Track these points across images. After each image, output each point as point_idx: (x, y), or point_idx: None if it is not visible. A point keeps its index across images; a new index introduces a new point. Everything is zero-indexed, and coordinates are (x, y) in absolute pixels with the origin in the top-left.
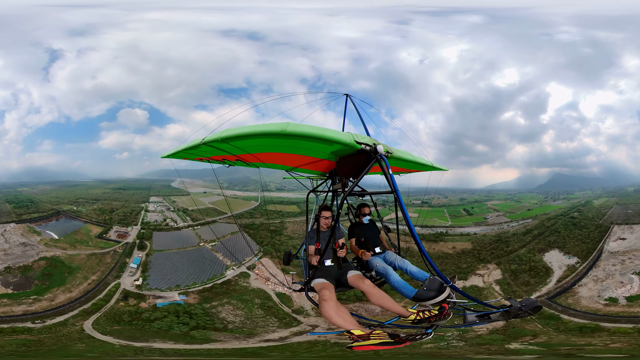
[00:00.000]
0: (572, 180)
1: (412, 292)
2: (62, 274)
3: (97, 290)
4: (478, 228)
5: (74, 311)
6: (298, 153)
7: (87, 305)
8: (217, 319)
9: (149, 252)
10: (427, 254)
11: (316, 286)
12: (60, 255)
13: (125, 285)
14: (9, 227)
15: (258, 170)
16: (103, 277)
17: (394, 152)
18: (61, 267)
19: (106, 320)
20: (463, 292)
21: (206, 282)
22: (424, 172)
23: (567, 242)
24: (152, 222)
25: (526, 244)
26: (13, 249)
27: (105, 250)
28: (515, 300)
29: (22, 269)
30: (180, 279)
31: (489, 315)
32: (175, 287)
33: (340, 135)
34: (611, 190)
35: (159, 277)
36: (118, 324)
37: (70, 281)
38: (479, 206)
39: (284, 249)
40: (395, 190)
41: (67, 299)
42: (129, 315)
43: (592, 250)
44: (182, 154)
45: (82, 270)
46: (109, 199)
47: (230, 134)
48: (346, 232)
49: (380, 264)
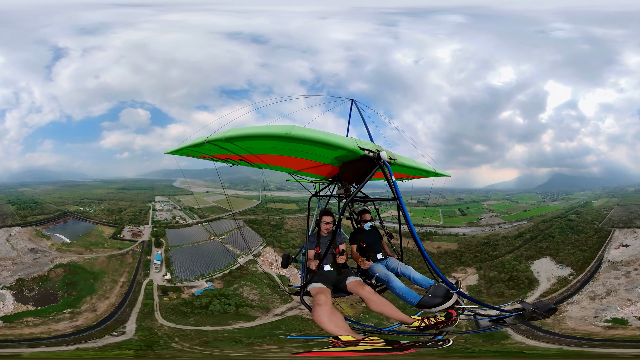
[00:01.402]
0: (572, 180)
1: (415, 299)
2: (87, 281)
3: (135, 291)
4: (469, 229)
5: (132, 316)
6: (302, 157)
7: (136, 307)
8: (243, 298)
9: (167, 248)
10: (430, 260)
11: (312, 290)
12: (78, 260)
13: (157, 282)
14: (14, 230)
15: (261, 170)
16: (132, 278)
17: (397, 159)
18: (83, 273)
19: (174, 316)
20: (472, 298)
21: (224, 269)
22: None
23: (562, 249)
24: (162, 220)
25: (514, 249)
26: (22, 257)
27: (123, 250)
28: (527, 303)
29: (37, 280)
30: (202, 269)
31: (504, 320)
32: (201, 276)
33: (345, 140)
34: (611, 191)
35: (182, 269)
36: (186, 315)
37: (99, 287)
38: (475, 206)
39: (284, 240)
40: (398, 197)
41: (110, 306)
42: (185, 306)
43: (590, 259)
44: (186, 150)
45: (107, 273)
46: (114, 199)
47: (234, 134)
48: (347, 238)
49: (382, 271)
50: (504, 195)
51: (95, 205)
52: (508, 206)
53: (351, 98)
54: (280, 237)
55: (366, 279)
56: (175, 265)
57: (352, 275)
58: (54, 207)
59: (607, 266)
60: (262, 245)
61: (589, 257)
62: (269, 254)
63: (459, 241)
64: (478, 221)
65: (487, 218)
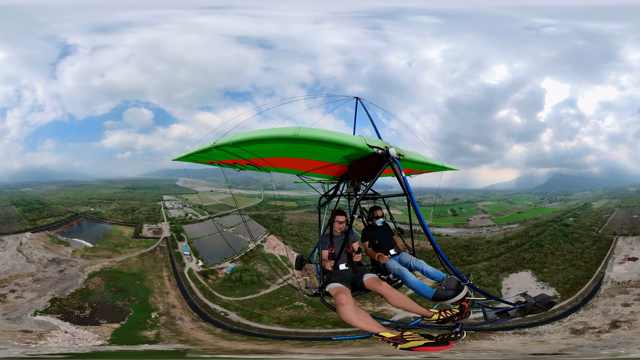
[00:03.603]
0: (572, 180)
1: (430, 292)
2: (134, 283)
3: (183, 280)
4: (455, 230)
5: (204, 300)
6: (310, 157)
7: (197, 292)
8: (259, 272)
9: (189, 241)
10: (442, 253)
11: (331, 291)
12: (111, 265)
13: (195, 269)
14: (25, 237)
15: (261, 170)
16: (173, 270)
17: (406, 155)
18: (124, 277)
19: (225, 291)
20: (481, 290)
21: (240, 252)
22: (429, 175)
23: (549, 262)
24: (177, 217)
25: (492, 256)
26: (45, 271)
27: (150, 248)
28: (530, 296)
29: (77, 295)
30: (223, 255)
31: (507, 312)
32: (224, 260)
33: (353, 139)
34: (612, 191)
35: (208, 256)
36: (232, 289)
37: (150, 285)
38: (470, 207)
39: (285, 231)
40: (408, 192)
41: (177, 296)
42: (227, 282)
43: (585, 278)
44: (193, 157)
45: (148, 271)
46: (123, 199)
47: (241, 138)
48: (359, 236)
49: (396, 266)
50: (502, 196)
51: (105, 206)
52: (503, 207)
53: (356, 97)
54: (282, 227)
55: (381, 275)
56: (202, 254)
57: (367, 272)
58: (62, 208)
59: (609, 288)
60: (267, 234)
61: (584, 275)
62: (272, 240)
63: (439, 242)
64: (467, 222)
65: (477, 219)
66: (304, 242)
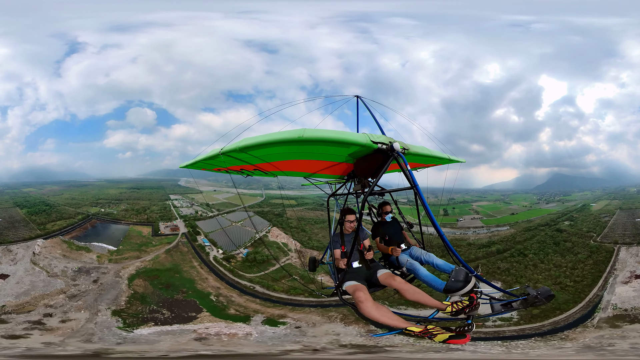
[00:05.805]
0: (571, 180)
1: (441, 285)
2: (174, 277)
3: (214, 267)
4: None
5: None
6: (316, 158)
7: (229, 275)
8: (265, 254)
9: (206, 235)
10: (451, 245)
11: (348, 289)
12: (142, 264)
13: (219, 256)
14: (38, 246)
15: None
16: (201, 259)
17: (411, 149)
18: (162, 273)
19: (246, 270)
20: (487, 281)
21: (250, 240)
22: (434, 175)
23: (527, 276)
24: (188, 215)
25: (467, 261)
26: (78, 284)
27: (173, 244)
28: (532, 289)
29: (133, 301)
30: (236, 243)
31: (511, 304)
32: (238, 247)
33: (357, 136)
34: (612, 191)
35: (225, 245)
36: (251, 268)
37: (189, 276)
38: (464, 207)
39: (285, 225)
40: (415, 185)
41: (215, 279)
42: (249, 262)
43: (571, 303)
44: (201, 164)
45: (181, 264)
46: (132, 199)
47: (248, 143)
48: (370, 233)
49: (408, 260)
50: (499, 196)
51: (114, 206)
52: (498, 208)
53: (356, 95)
54: (282, 222)
55: (394, 270)
56: (220, 244)
57: (381, 268)
58: (71, 210)
59: (609, 316)
60: (270, 227)
61: (571, 299)
62: (275, 231)
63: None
64: (455, 223)
65: (467, 220)
66: (301, 233)
